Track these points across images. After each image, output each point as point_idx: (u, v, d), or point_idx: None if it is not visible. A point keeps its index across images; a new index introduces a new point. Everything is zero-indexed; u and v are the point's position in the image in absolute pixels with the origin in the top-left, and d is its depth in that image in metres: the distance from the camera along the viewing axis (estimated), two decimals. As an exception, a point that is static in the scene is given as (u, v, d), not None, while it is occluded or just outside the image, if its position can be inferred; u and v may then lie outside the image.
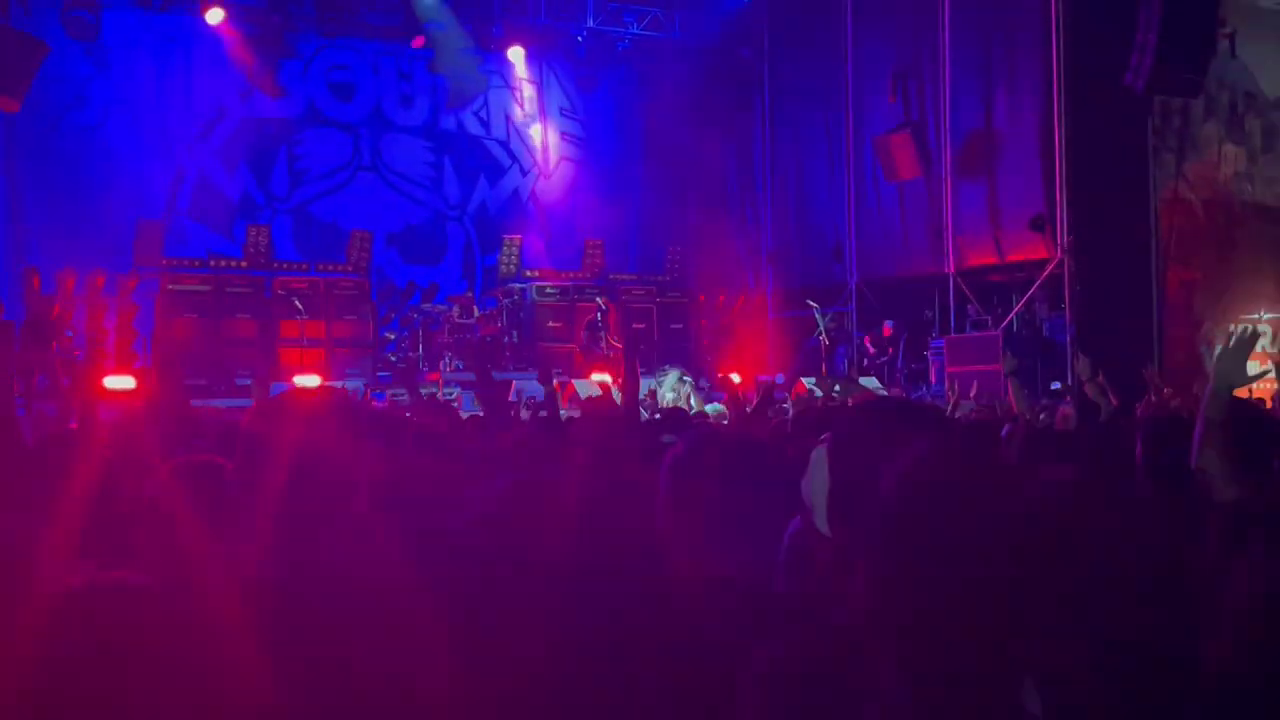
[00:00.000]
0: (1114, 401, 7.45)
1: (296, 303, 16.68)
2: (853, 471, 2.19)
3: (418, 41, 19.86)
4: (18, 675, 1.76)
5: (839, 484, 2.22)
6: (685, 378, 16.25)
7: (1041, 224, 16.61)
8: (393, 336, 18.82)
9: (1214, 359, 3.93)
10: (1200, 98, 16.40)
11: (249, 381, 13.67)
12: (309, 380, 13.91)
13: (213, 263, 17.36)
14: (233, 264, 17.26)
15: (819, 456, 2.44)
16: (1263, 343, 16.73)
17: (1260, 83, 17.35)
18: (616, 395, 10.14)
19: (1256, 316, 16.84)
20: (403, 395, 13.81)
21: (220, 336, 16.43)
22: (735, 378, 15.15)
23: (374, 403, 13.24)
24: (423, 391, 13.48)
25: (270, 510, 2.39)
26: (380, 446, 3.65)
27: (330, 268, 17.78)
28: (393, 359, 17.98)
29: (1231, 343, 4.10)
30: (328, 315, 17.04)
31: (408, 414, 7.81)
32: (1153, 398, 9.33)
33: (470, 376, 15.91)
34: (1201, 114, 16.84)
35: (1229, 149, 17.13)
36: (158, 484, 3.14)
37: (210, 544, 2.61)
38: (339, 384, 14.23)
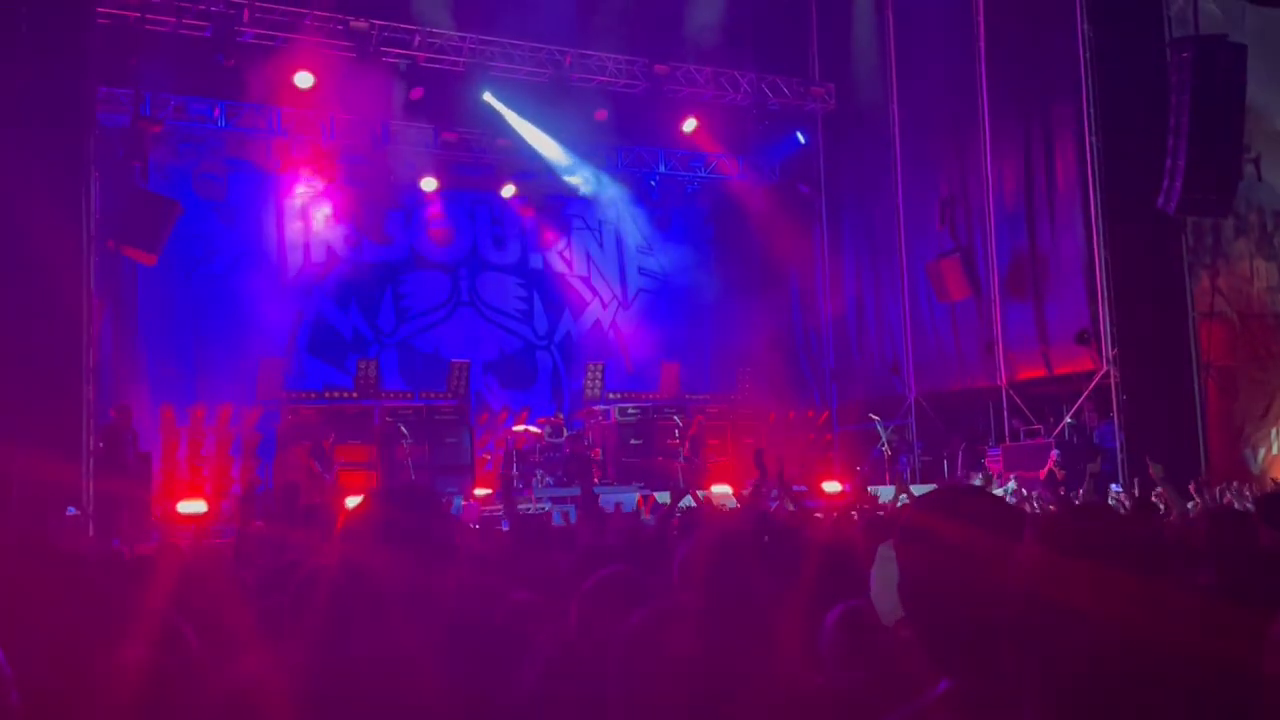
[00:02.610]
0: (1188, 499, 7.42)
1: (402, 428, 17.23)
2: (922, 566, 2.03)
3: (507, 190, 20.74)
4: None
5: (910, 579, 2.05)
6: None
7: (1087, 338, 16.79)
8: (489, 457, 19.25)
9: None
10: (1230, 217, 16.58)
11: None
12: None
13: (328, 394, 17.98)
14: (345, 394, 17.87)
15: (885, 552, 2.57)
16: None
17: (1287, 202, 17.48)
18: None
19: (1296, 420, 16.81)
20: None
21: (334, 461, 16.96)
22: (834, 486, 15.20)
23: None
24: (520, 508, 13.94)
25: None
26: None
27: (432, 395, 18.32)
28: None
29: None
30: (430, 439, 17.53)
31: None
32: (1206, 499, 9.39)
33: (561, 492, 16.33)
34: (1233, 232, 16.99)
35: (1260, 264, 17.24)
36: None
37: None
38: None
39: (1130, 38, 16.50)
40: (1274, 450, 16.72)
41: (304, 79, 17.67)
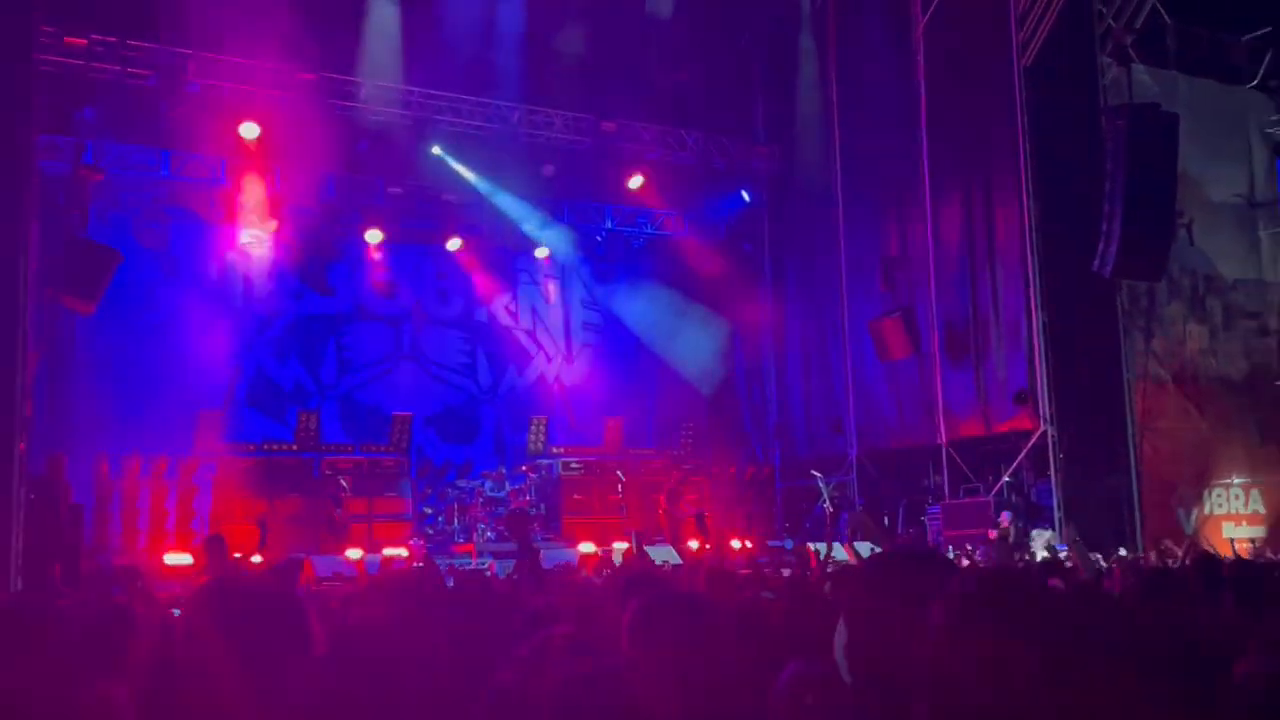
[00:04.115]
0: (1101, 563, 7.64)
1: (342, 481, 17.02)
2: (874, 623, 2.11)
3: (453, 243, 20.69)
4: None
5: (858, 637, 2.13)
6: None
7: (1025, 398, 17.01)
8: (430, 511, 19.07)
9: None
10: (1164, 281, 16.92)
11: (300, 555, 14.04)
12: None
13: (267, 446, 17.74)
14: (285, 447, 17.64)
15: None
16: (1235, 505, 16.94)
17: (1218, 267, 17.89)
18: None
19: (1228, 481, 17.09)
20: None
21: (274, 515, 16.70)
22: (747, 544, 15.33)
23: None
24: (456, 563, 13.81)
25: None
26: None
27: (374, 448, 18.15)
28: (430, 531, 18.20)
29: None
30: (371, 492, 17.34)
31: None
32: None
33: (503, 546, 16.17)
34: (1166, 295, 17.33)
35: (1193, 327, 17.59)
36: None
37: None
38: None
39: (1067, 105, 16.89)
40: (1206, 510, 16.97)
41: (249, 129, 17.58)
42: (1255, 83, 18.45)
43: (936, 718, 1.70)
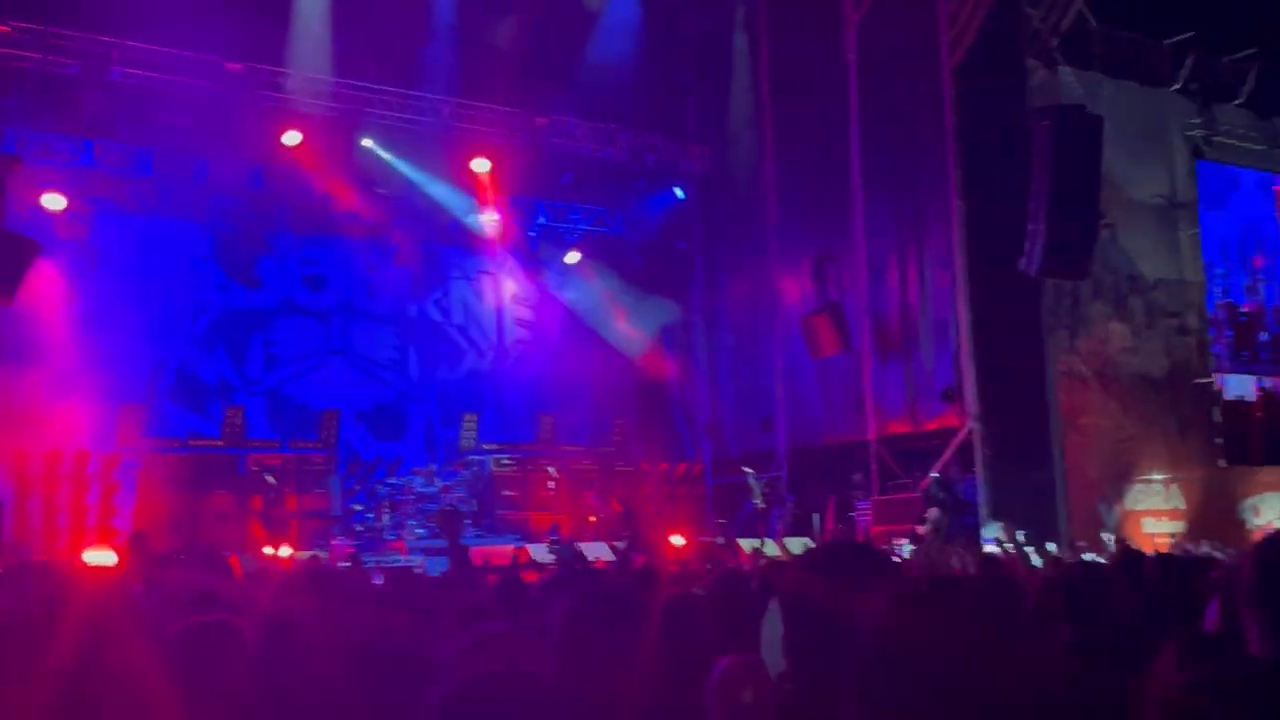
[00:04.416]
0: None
1: (269, 478, 16.81)
2: (810, 618, 2.11)
3: (384, 238, 20.48)
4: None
5: (794, 631, 2.13)
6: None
7: (952, 395, 17.23)
8: (359, 508, 18.88)
9: None
10: (1088, 280, 17.20)
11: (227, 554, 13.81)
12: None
13: (192, 442, 17.46)
14: (210, 443, 17.37)
15: (775, 606, 2.50)
16: (1156, 500, 17.29)
17: (1139, 267, 18.22)
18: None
19: (1149, 477, 17.44)
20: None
21: (198, 511, 16.46)
22: (679, 540, 15.37)
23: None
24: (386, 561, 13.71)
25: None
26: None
27: (302, 444, 17.93)
28: (359, 529, 18.02)
29: None
30: (299, 489, 17.14)
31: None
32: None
33: (435, 543, 16.07)
34: (1090, 295, 17.61)
35: (1115, 326, 17.90)
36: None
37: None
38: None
39: (995, 105, 17.10)
40: (1128, 506, 17.29)
41: (176, 120, 17.27)
42: (1177, 86, 18.81)
43: (866, 713, 1.70)
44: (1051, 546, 15.20)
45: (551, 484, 18.33)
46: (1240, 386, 18.92)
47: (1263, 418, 19.05)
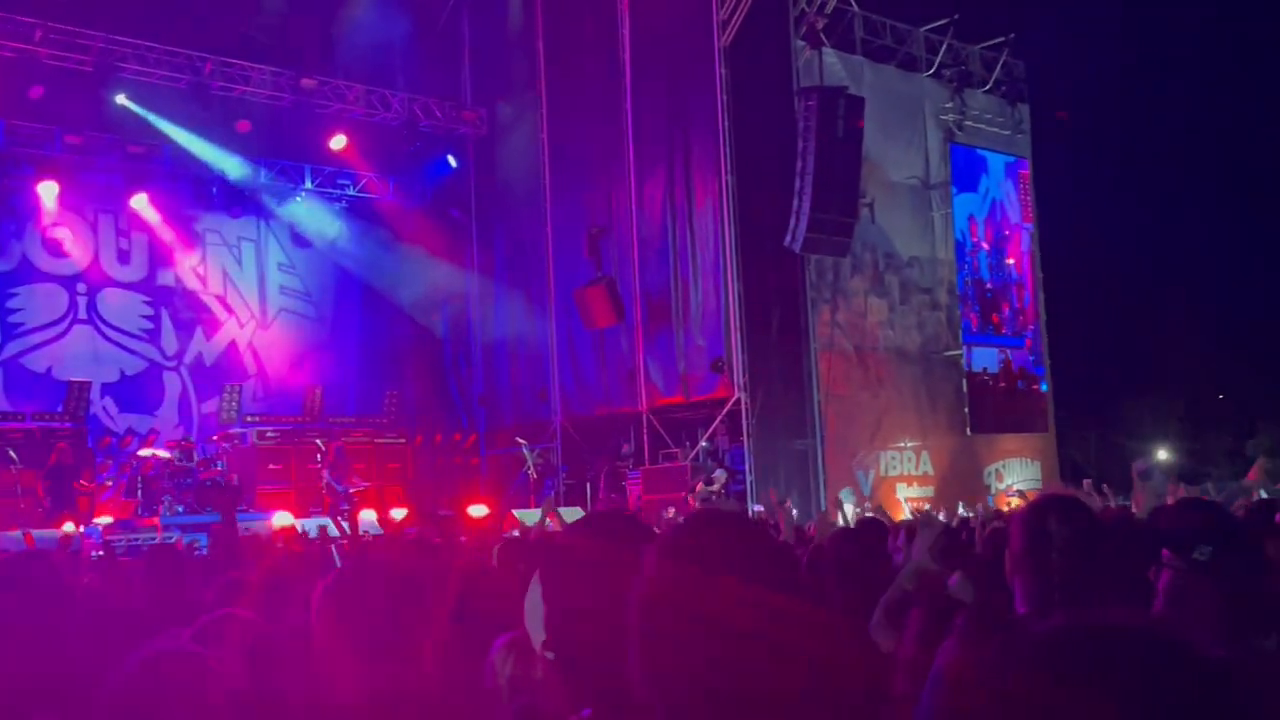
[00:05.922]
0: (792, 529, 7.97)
1: (11, 453, 15.81)
2: (569, 592, 2.07)
3: (138, 200, 19.42)
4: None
5: (554, 599, 2.09)
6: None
7: (721, 367, 17.70)
8: (111, 483, 17.95)
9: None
10: (848, 257, 17.95)
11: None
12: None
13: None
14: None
15: (536, 578, 2.62)
16: (908, 467, 18.25)
17: (895, 245, 19.13)
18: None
19: (902, 445, 18.41)
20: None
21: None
22: (480, 510, 14.98)
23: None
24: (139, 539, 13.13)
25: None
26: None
27: (46, 417, 16.92)
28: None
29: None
30: (44, 465, 16.15)
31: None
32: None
33: (192, 519, 15.49)
34: (850, 271, 18.39)
35: (873, 301, 18.77)
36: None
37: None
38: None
39: (764, 85, 17.61)
40: (882, 472, 18.21)
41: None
42: (931, 71, 19.81)
43: (648, 679, 1.65)
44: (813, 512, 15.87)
45: (319, 457, 17.87)
46: (985, 359, 20.14)
47: (1005, 388, 20.36)
